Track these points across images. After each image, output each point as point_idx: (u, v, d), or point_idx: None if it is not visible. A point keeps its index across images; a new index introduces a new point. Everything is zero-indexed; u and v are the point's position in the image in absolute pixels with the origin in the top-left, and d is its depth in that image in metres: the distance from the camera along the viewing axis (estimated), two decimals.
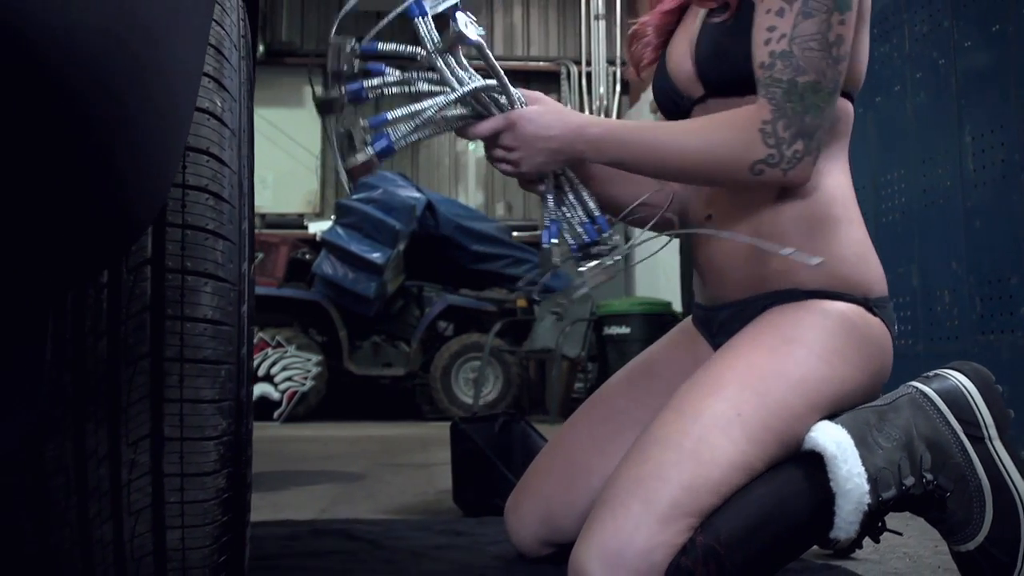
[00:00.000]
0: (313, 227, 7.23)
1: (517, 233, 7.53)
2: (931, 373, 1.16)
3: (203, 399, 0.80)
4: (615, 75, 8.24)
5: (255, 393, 5.42)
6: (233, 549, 0.90)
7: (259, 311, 5.58)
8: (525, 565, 1.33)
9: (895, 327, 1.20)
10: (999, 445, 1.10)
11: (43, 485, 0.77)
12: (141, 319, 0.77)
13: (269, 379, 5.74)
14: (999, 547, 1.08)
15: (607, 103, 8.18)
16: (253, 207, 1.06)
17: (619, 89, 8.29)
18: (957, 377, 1.14)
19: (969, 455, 1.10)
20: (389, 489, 2.30)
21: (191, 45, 0.71)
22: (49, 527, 0.78)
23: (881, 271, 1.20)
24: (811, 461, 1.03)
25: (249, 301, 0.99)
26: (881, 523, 1.08)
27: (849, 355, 1.11)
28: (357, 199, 5.91)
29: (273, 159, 7.57)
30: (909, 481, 1.05)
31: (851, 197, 1.21)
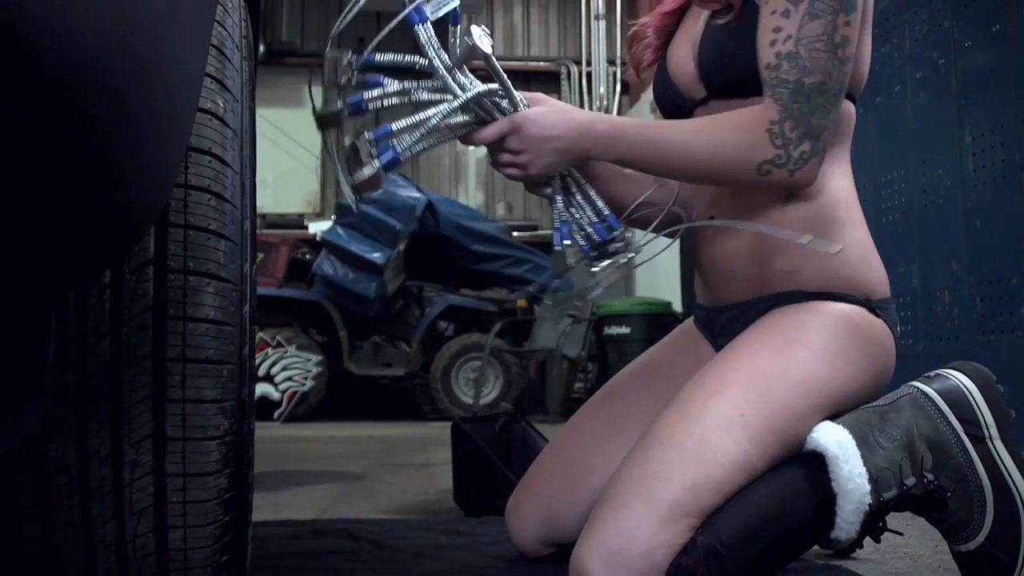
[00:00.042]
0: (313, 227, 7.22)
1: (517, 233, 7.52)
2: (932, 373, 1.16)
3: (205, 399, 0.80)
4: (615, 75, 8.23)
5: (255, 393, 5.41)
6: (235, 549, 0.90)
7: (259, 311, 5.57)
8: (526, 565, 1.33)
9: (898, 328, 1.20)
10: (1000, 445, 1.11)
11: (46, 485, 0.77)
12: (143, 319, 0.77)
13: (269, 379, 5.74)
14: (1000, 547, 1.08)
15: (607, 103, 8.17)
16: (255, 207, 1.06)
17: (619, 89, 8.29)
18: (958, 377, 1.14)
19: (970, 455, 1.10)
20: (390, 489, 2.30)
21: (193, 45, 0.71)
22: (51, 527, 0.78)
23: (883, 272, 1.20)
24: (813, 461, 1.03)
25: (251, 301, 1.00)
26: (882, 523, 1.08)
27: (851, 356, 1.11)
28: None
29: (273, 159, 7.56)
30: (910, 481, 1.05)
31: (854, 198, 1.21)
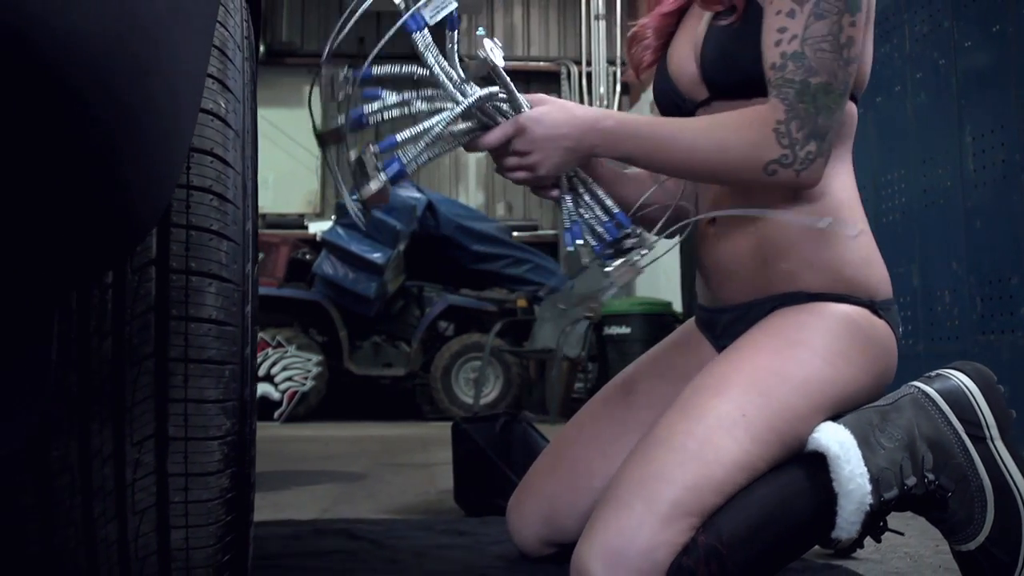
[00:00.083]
0: (313, 227, 7.23)
1: (517, 233, 7.53)
2: (933, 373, 1.16)
3: (207, 399, 0.80)
4: (615, 75, 8.24)
5: None
6: (237, 548, 0.90)
7: (259, 311, 5.57)
8: (528, 565, 1.33)
9: (899, 329, 1.20)
10: (1001, 445, 1.11)
11: (48, 485, 0.77)
12: (146, 319, 0.77)
13: (269, 379, 5.75)
14: (1000, 547, 1.08)
15: (607, 103, 8.17)
16: (257, 208, 1.06)
17: (619, 89, 8.29)
18: (959, 377, 1.14)
19: (971, 455, 1.10)
20: (390, 489, 2.31)
21: (195, 46, 0.71)
22: (54, 526, 0.78)
23: (885, 273, 1.19)
24: (813, 461, 1.03)
25: (253, 301, 1.00)
26: (883, 523, 1.08)
27: (853, 357, 1.11)
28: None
29: (273, 159, 7.56)
30: (911, 481, 1.05)
31: (856, 199, 1.20)
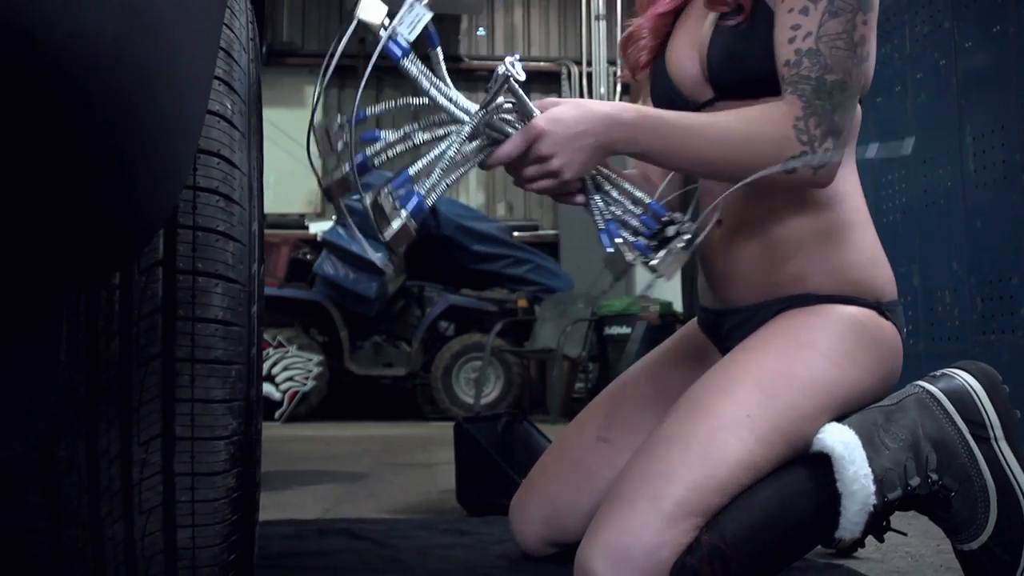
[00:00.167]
0: (314, 227, 7.23)
1: (518, 233, 7.53)
2: (938, 372, 1.16)
3: (214, 399, 0.80)
4: (615, 75, 8.24)
5: None
6: (242, 547, 0.91)
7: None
8: (530, 564, 1.33)
9: (904, 329, 1.20)
10: (1004, 445, 1.11)
11: (55, 484, 0.77)
12: (153, 320, 0.77)
13: (270, 379, 5.75)
14: (1002, 547, 1.08)
15: None
16: (263, 209, 1.06)
17: (619, 89, 8.29)
18: (964, 377, 1.14)
19: (974, 455, 1.10)
20: (392, 489, 2.31)
21: (201, 48, 0.71)
22: (61, 526, 0.78)
23: (891, 274, 1.19)
24: (817, 462, 1.03)
25: (259, 302, 1.00)
26: (886, 522, 1.08)
27: (860, 359, 1.11)
28: (358, 199, 5.91)
29: (274, 159, 7.52)
30: (915, 481, 1.06)
31: (862, 201, 1.20)
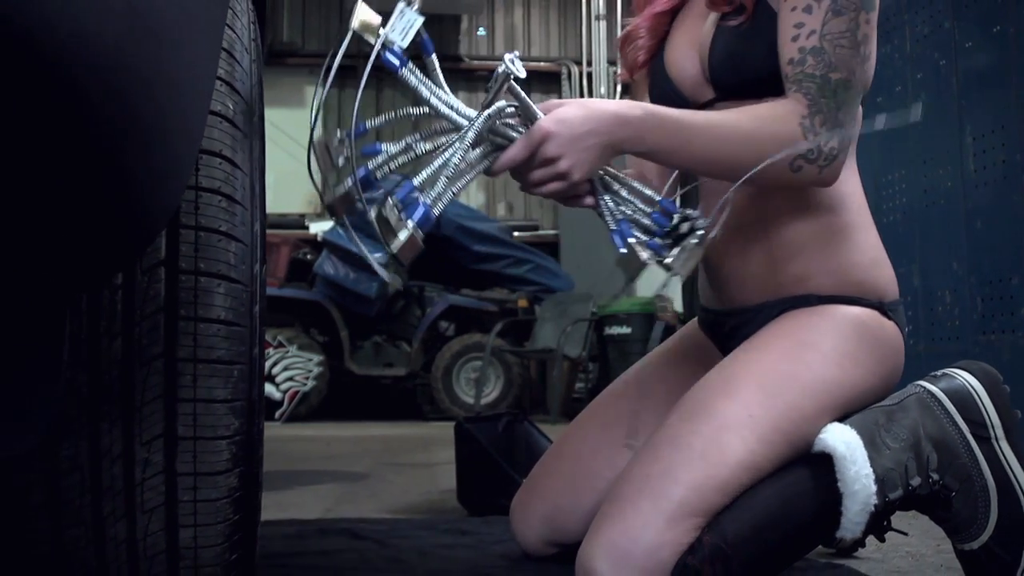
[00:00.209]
0: (314, 227, 7.23)
1: (518, 233, 7.53)
2: (939, 372, 1.16)
3: (216, 399, 0.81)
4: (616, 75, 8.24)
5: None
6: (244, 547, 0.91)
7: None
8: (531, 564, 1.33)
9: (906, 329, 1.20)
10: (1005, 445, 1.11)
11: (58, 484, 0.77)
12: (155, 320, 0.78)
13: (271, 379, 5.75)
14: (1003, 546, 1.08)
15: None
16: (265, 209, 1.06)
17: (620, 89, 8.29)
18: (965, 377, 1.14)
19: (975, 455, 1.10)
20: (393, 489, 2.31)
21: (204, 49, 0.71)
22: (64, 525, 0.79)
23: (893, 274, 1.19)
24: (818, 462, 1.03)
25: (261, 302, 1.00)
26: (887, 522, 1.09)
27: (862, 359, 1.11)
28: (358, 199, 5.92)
29: (274, 159, 7.50)
30: (915, 481, 1.06)
31: (863, 201, 1.20)
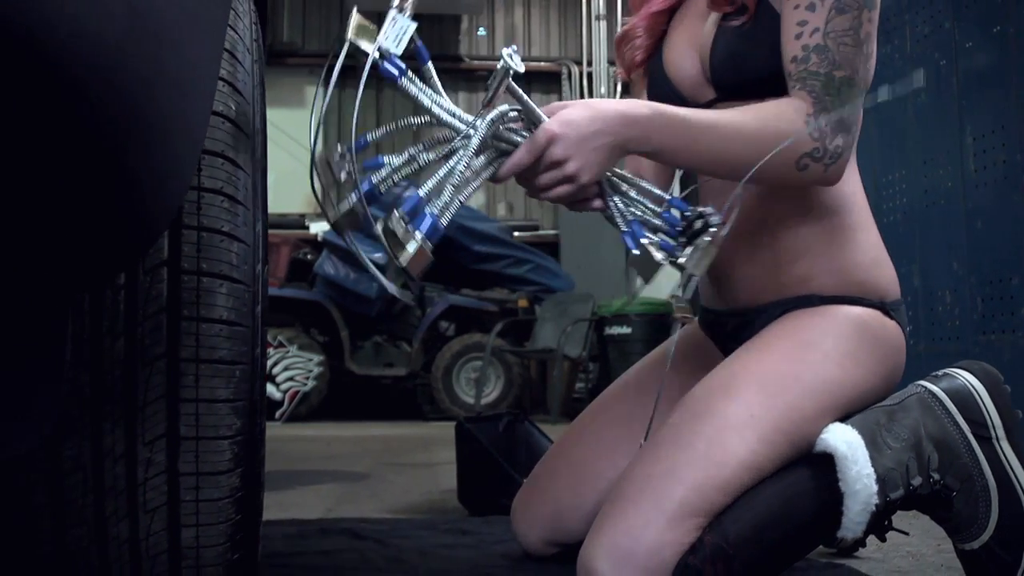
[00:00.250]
0: (315, 227, 7.22)
1: (518, 233, 7.53)
2: (940, 372, 1.16)
3: (218, 399, 0.81)
4: (616, 75, 8.24)
5: None
6: (246, 547, 0.91)
7: None
8: (532, 564, 1.33)
9: (907, 328, 1.20)
10: (1006, 445, 1.11)
11: (61, 483, 0.78)
12: (157, 320, 0.78)
13: (271, 379, 5.75)
14: (1004, 546, 1.08)
15: None
16: (266, 209, 1.06)
17: (620, 89, 8.29)
18: (966, 377, 1.14)
19: (976, 455, 1.10)
20: (394, 488, 2.31)
21: (206, 49, 0.71)
22: (66, 525, 0.79)
23: (894, 273, 1.19)
24: (819, 461, 1.04)
25: (263, 302, 1.00)
26: (887, 522, 1.09)
27: (863, 359, 1.11)
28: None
29: (275, 159, 7.49)
30: (916, 481, 1.06)
31: (864, 201, 1.20)
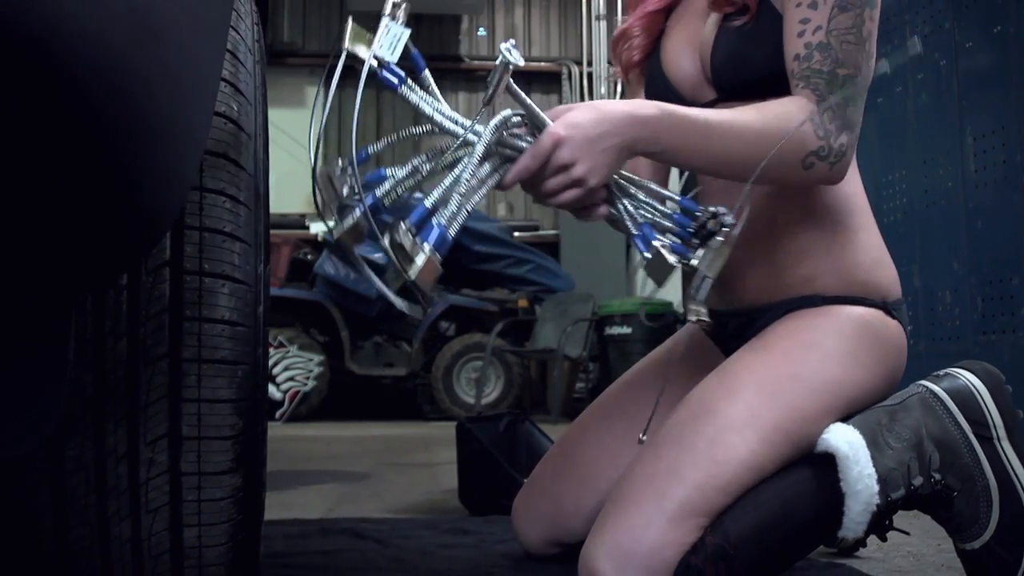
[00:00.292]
0: (315, 227, 7.23)
1: (519, 233, 7.52)
2: (941, 372, 1.16)
3: (220, 399, 0.81)
4: (616, 74, 8.24)
5: None
6: (248, 547, 0.91)
7: None
8: (533, 564, 1.34)
9: (908, 328, 1.20)
10: (1007, 445, 1.11)
11: (63, 483, 0.78)
12: (160, 320, 0.78)
13: (271, 379, 5.75)
14: (1004, 546, 1.08)
15: None
16: (268, 209, 1.07)
17: (620, 89, 8.30)
18: (967, 377, 1.14)
19: (977, 455, 1.10)
20: (394, 488, 2.31)
21: (208, 50, 0.72)
22: (69, 525, 0.79)
23: (895, 273, 1.19)
24: (821, 461, 1.04)
25: (265, 302, 1.00)
26: (888, 522, 1.09)
27: (864, 359, 1.11)
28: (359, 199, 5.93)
29: (275, 159, 7.47)
30: (918, 481, 1.06)
31: (865, 201, 1.20)
